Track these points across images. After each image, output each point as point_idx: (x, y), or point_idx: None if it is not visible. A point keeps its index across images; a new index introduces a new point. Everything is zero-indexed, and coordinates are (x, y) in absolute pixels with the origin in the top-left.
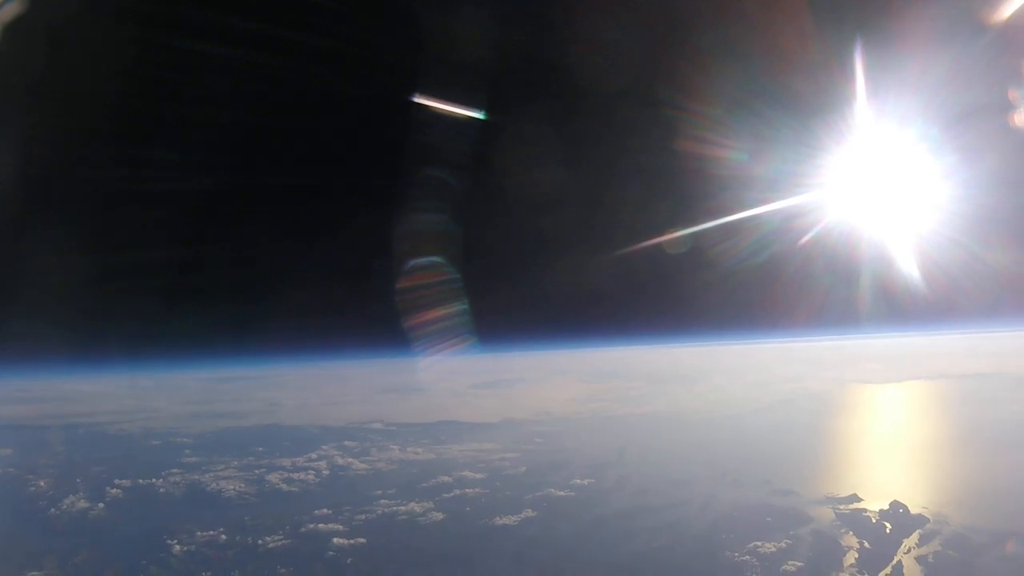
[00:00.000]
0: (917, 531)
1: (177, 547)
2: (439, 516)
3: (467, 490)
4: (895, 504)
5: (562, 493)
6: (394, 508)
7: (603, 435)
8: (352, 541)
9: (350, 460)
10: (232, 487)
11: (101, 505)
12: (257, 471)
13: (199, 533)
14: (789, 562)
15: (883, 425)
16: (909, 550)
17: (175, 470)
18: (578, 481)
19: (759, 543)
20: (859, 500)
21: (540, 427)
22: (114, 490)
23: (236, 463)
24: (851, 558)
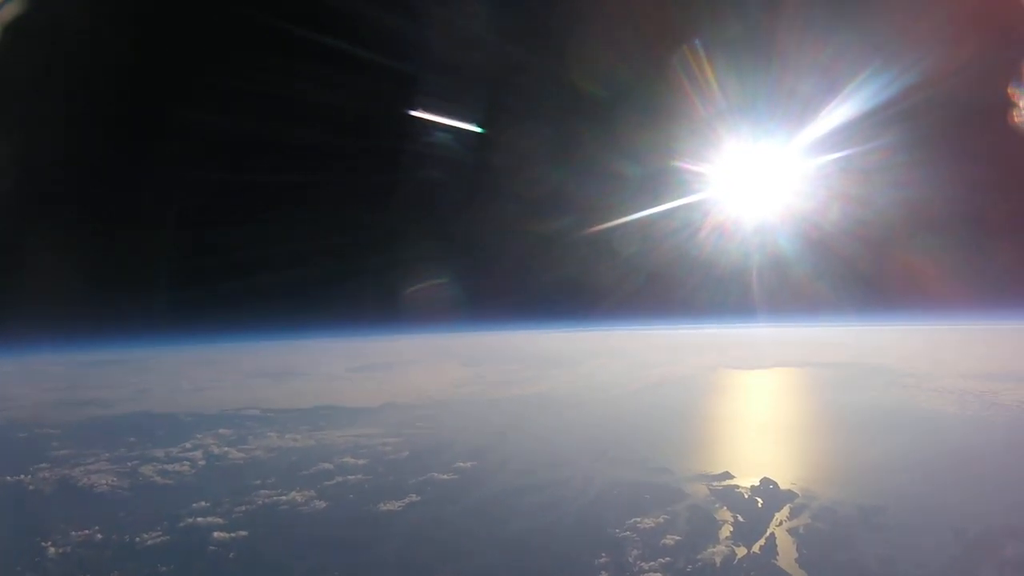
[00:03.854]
0: (787, 505)
1: (52, 549)
2: (322, 505)
3: (349, 477)
4: (765, 481)
5: (445, 476)
6: (275, 498)
7: (484, 418)
8: (233, 534)
9: (226, 449)
10: (105, 481)
11: None
12: (130, 463)
13: (74, 533)
14: (668, 536)
15: (751, 407)
16: (781, 523)
17: (44, 464)
18: (461, 464)
19: (639, 519)
20: (731, 477)
21: (421, 411)
22: None
23: (107, 455)
24: (726, 531)
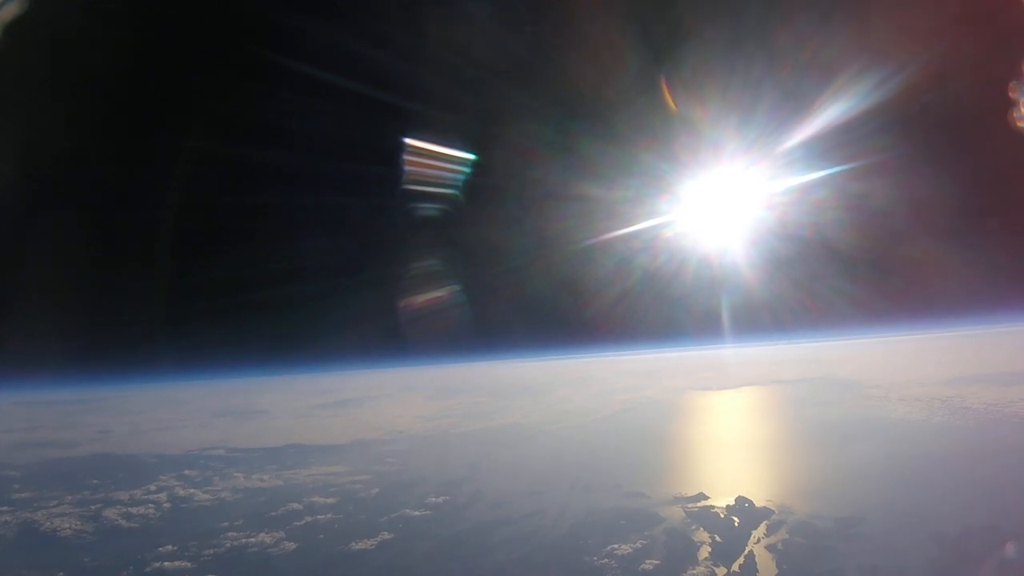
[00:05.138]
0: (764, 522)
1: None
2: (291, 546)
3: (319, 516)
4: (740, 499)
5: (417, 513)
6: (243, 540)
7: (454, 451)
8: None
9: (192, 491)
10: (68, 525)
11: None
12: (93, 506)
13: None
14: (647, 561)
15: (722, 427)
16: (759, 540)
17: (5, 508)
18: (433, 499)
19: (616, 545)
20: (706, 498)
21: (390, 446)
22: None
23: (70, 498)
24: (705, 552)
